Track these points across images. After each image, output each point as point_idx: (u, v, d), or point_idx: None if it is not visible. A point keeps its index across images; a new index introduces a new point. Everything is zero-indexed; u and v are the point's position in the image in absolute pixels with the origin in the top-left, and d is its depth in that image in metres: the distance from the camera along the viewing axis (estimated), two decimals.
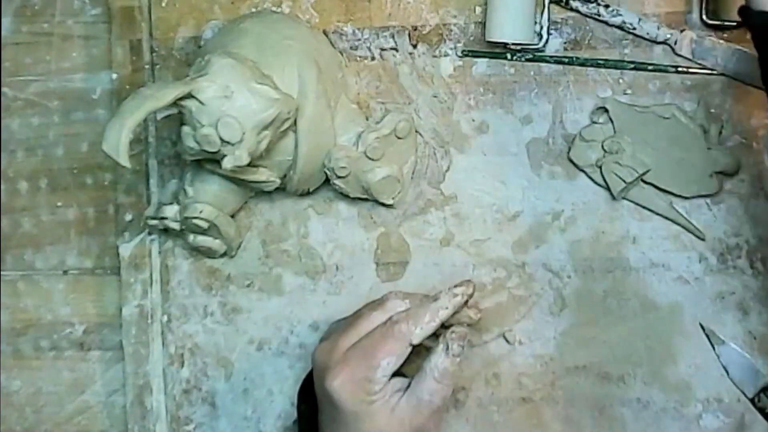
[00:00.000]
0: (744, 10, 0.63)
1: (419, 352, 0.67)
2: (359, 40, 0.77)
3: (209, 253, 0.78)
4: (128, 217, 0.79)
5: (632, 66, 0.73)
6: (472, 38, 0.76)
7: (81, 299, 0.80)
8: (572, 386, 0.74)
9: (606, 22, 0.73)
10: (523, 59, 0.75)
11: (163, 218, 0.74)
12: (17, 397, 0.81)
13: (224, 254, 0.78)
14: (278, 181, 0.74)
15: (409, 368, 0.67)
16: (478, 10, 0.75)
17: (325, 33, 0.77)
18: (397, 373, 0.66)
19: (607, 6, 0.73)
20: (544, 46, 0.74)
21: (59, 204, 0.81)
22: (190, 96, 0.67)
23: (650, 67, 0.73)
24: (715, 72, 0.72)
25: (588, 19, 0.74)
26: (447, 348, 0.66)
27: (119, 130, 0.64)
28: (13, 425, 0.77)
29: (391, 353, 0.66)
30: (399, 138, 0.74)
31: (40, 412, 0.81)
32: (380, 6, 0.76)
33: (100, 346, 0.80)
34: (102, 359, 0.80)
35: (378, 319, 0.68)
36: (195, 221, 0.74)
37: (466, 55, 0.76)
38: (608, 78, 0.74)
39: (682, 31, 0.73)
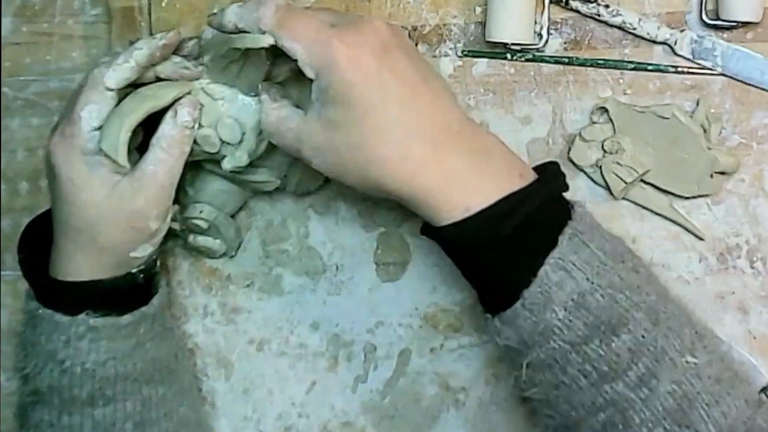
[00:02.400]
0: (427, 228, 0.62)
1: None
2: None
3: (209, 253, 0.78)
4: None
5: (632, 66, 0.73)
6: (472, 38, 0.76)
7: None
8: None
9: (606, 22, 0.73)
10: (523, 59, 0.75)
11: None
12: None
13: (224, 254, 0.78)
14: (278, 181, 0.74)
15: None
16: (478, 10, 0.75)
17: None
18: None
19: (607, 6, 0.73)
20: (544, 46, 0.74)
21: None
22: (189, 94, 0.67)
23: (650, 67, 0.73)
24: (715, 72, 0.72)
25: (588, 19, 0.74)
26: (175, 114, 0.65)
27: (118, 130, 0.64)
28: (13, 425, 0.77)
29: (88, 101, 0.64)
30: None
31: None
32: (380, 6, 0.76)
33: None
34: None
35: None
36: (195, 221, 0.74)
37: (466, 55, 0.76)
38: (608, 78, 0.74)
39: (682, 31, 0.73)
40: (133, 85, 0.66)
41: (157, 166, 0.65)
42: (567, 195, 0.74)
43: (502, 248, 0.59)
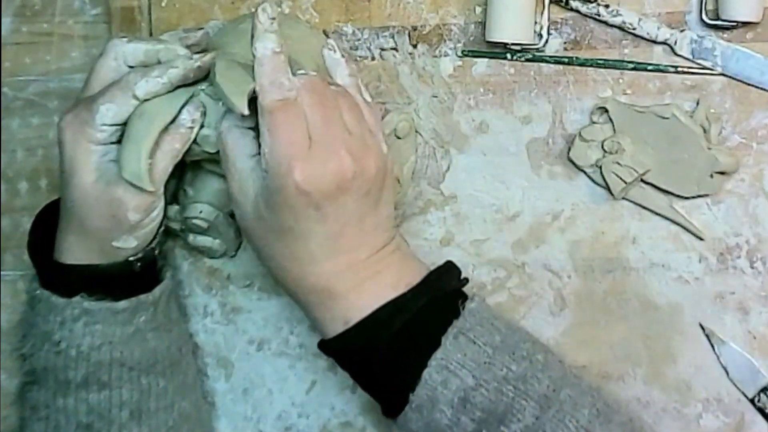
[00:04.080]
0: (322, 343, 0.65)
1: None
2: (359, 40, 0.77)
3: (209, 253, 0.78)
4: None
5: (632, 66, 0.73)
6: (472, 38, 0.76)
7: None
8: None
9: (606, 22, 0.73)
10: (523, 59, 0.75)
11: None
12: None
13: (224, 254, 0.78)
14: None
15: None
16: (478, 10, 0.75)
17: (325, 33, 0.77)
18: None
19: (607, 6, 0.73)
20: (544, 46, 0.74)
21: None
22: (192, 97, 0.67)
23: (650, 67, 0.73)
24: (715, 72, 0.72)
25: (588, 19, 0.74)
26: (180, 112, 0.65)
27: (137, 158, 0.64)
28: (13, 425, 0.77)
29: (112, 99, 0.65)
30: (399, 138, 0.74)
31: None
32: (380, 6, 0.76)
33: None
34: None
35: (108, 66, 0.67)
36: (195, 221, 0.74)
37: (466, 55, 0.76)
38: (608, 78, 0.74)
39: (682, 31, 0.73)
40: None
41: None
42: (565, 196, 0.74)
43: (384, 355, 0.62)
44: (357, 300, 0.62)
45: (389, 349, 0.62)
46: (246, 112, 0.62)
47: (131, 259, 0.69)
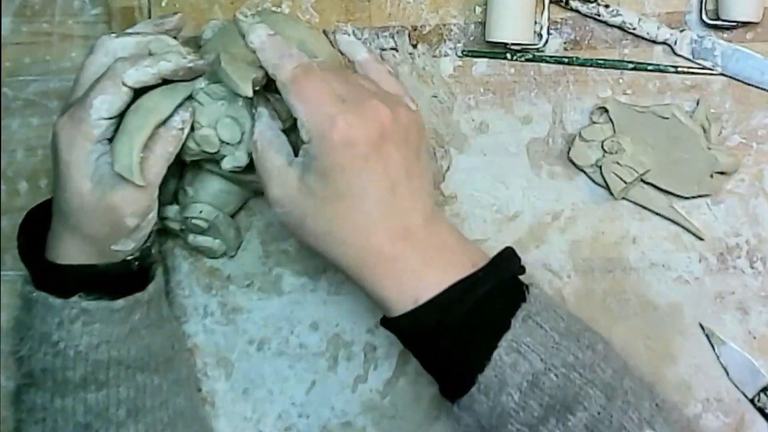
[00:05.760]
0: (384, 320, 0.64)
1: None
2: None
3: (209, 253, 0.78)
4: None
5: (632, 66, 0.73)
6: (472, 38, 0.76)
7: None
8: None
9: (606, 22, 0.73)
10: (523, 59, 0.75)
11: (163, 218, 0.74)
12: None
13: (224, 254, 0.78)
14: None
15: None
16: (478, 10, 0.75)
17: (325, 33, 0.77)
18: None
19: (607, 6, 0.73)
20: (544, 46, 0.74)
21: None
22: (189, 97, 0.67)
23: (650, 67, 0.73)
24: (715, 72, 0.72)
25: (588, 19, 0.74)
26: (176, 112, 0.66)
27: (129, 151, 0.64)
28: (13, 426, 0.77)
29: (104, 91, 0.64)
30: None
31: None
32: (380, 6, 0.76)
33: None
34: None
35: (98, 62, 0.67)
36: (195, 221, 0.74)
37: (466, 55, 0.76)
38: (608, 78, 0.74)
39: (682, 31, 0.73)
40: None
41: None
42: (565, 196, 0.74)
43: (454, 335, 0.61)
44: (426, 277, 0.61)
45: (460, 329, 0.61)
46: (250, 94, 0.62)
47: (129, 258, 0.69)
